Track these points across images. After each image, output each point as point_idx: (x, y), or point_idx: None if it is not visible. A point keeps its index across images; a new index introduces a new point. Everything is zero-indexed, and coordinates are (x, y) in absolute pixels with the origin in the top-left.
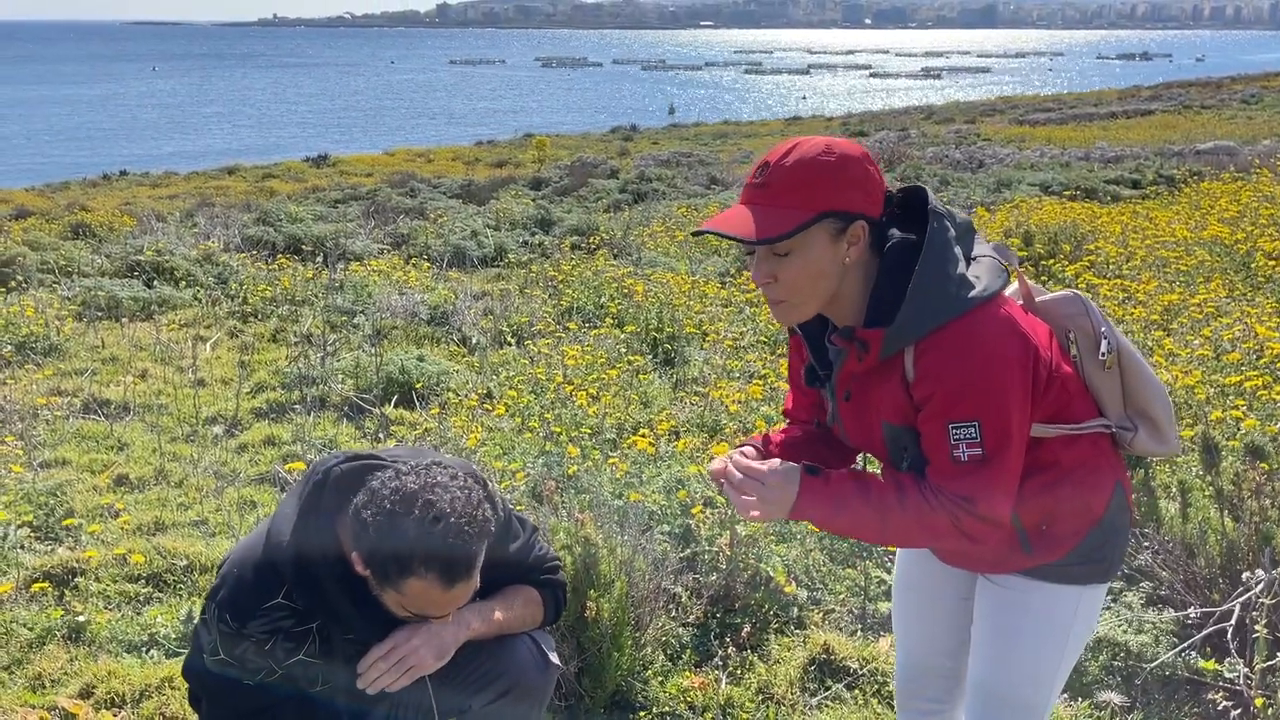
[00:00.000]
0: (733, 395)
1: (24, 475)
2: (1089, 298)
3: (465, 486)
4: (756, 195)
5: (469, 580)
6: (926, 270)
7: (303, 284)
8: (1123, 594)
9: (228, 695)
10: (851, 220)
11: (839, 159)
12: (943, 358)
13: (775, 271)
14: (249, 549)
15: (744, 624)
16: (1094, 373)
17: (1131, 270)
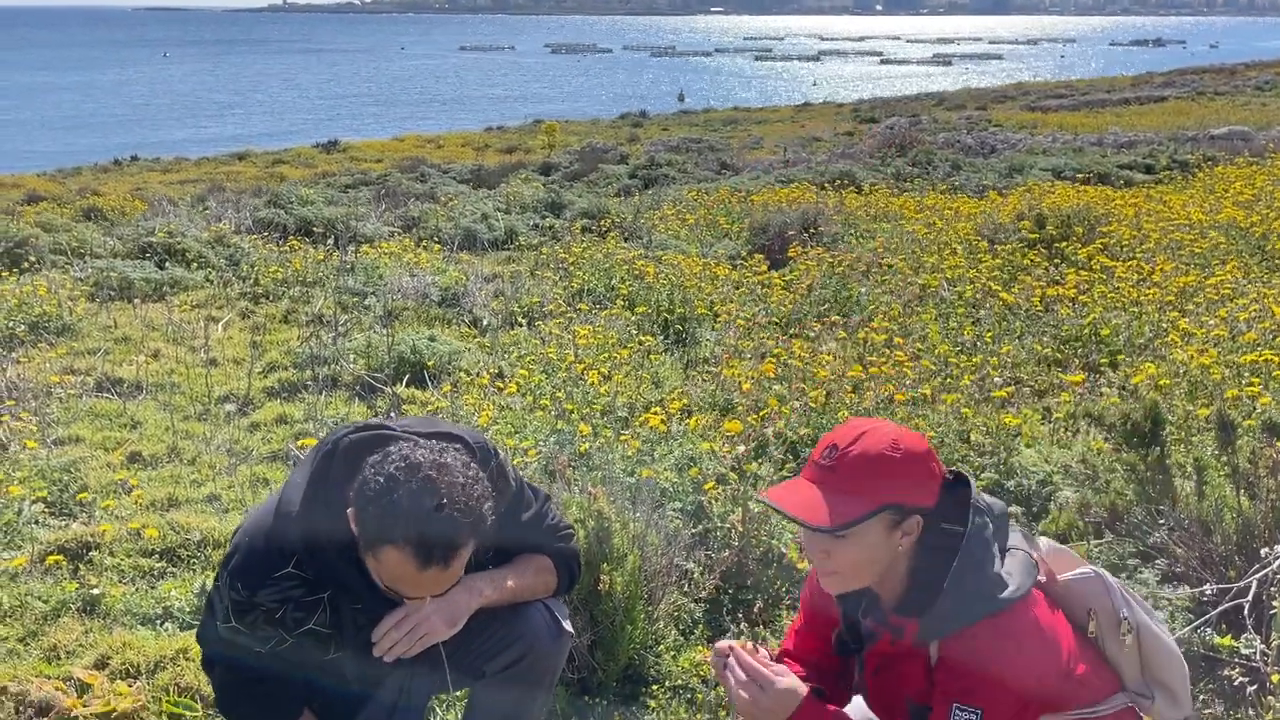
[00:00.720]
0: (745, 374)
1: (38, 452)
2: (1110, 577)
3: (474, 479)
4: (823, 476)
5: (445, 568)
6: (964, 567)
7: (314, 266)
8: (1138, 571)
9: (239, 663)
10: (909, 514)
11: (904, 456)
12: (968, 653)
13: (830, 550)
14: (260, 518)
15: (756, 600)
16: (1113, 648)
17: (1146, 253)
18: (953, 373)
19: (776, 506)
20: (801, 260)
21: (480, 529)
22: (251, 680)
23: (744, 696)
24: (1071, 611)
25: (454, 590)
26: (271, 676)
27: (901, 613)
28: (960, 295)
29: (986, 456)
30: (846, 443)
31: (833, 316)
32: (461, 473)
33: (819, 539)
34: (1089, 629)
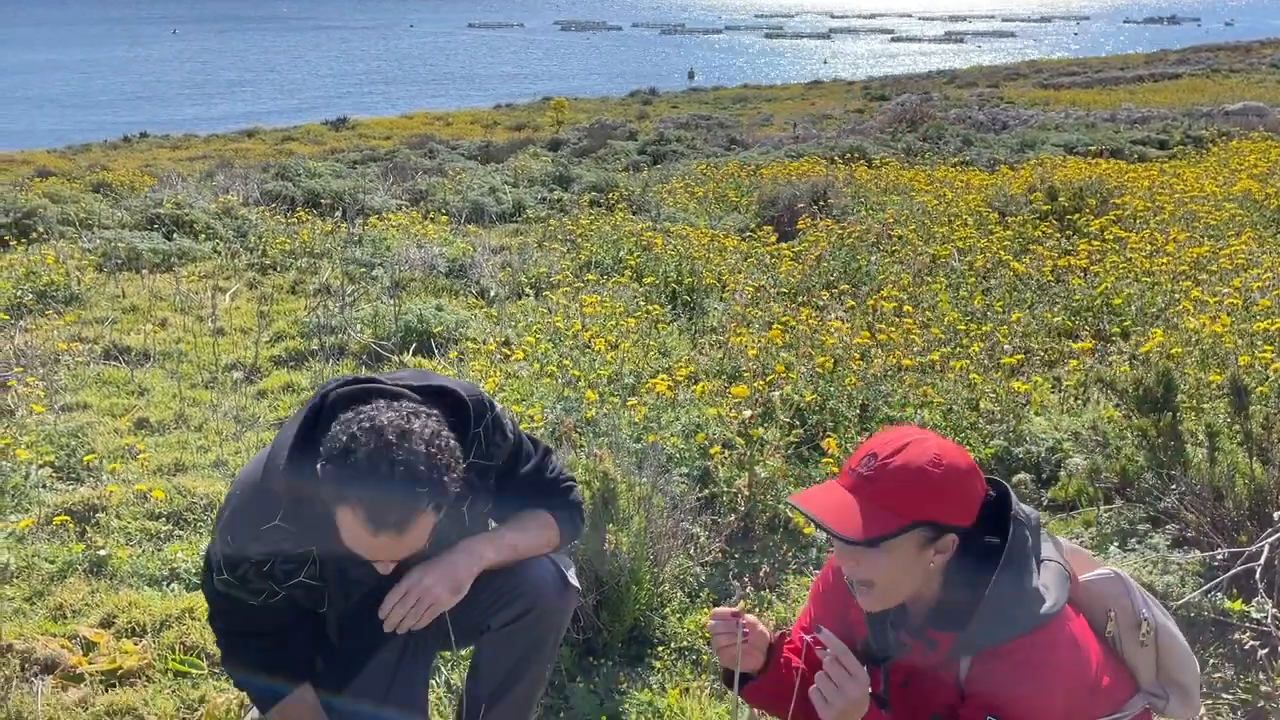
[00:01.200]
0: (752, 342)
1: (45, 417)
2: (1130, 578)
3: (441, 449)
4: (860, 485)
5: (399, 535)
6: (1004, 582)
7: (321, 237)
8: (1148, 536)
9: (235, 615)
10: (944, 532)
11: (944, 473)
12: (1004, 667)
13: (860, 560)
14: (252, 472)
15: (762, 564)
16: (1131, 648)
17: (1160, 224)
18: (962, 341)
19: (807, 512)
20: (811, 232)
21: (441, 501)
22: (252, 635)
23: (831, 685)
24: (1090, 612)
25: (455, 556)
26: (272, 631)
27: (937, 626)
28: (970, 265)
29: (996, 424)
30: (887, 453)
31: (842, 286)
32: (427, 441)
33: (851, 550)
34: (1106, 629)
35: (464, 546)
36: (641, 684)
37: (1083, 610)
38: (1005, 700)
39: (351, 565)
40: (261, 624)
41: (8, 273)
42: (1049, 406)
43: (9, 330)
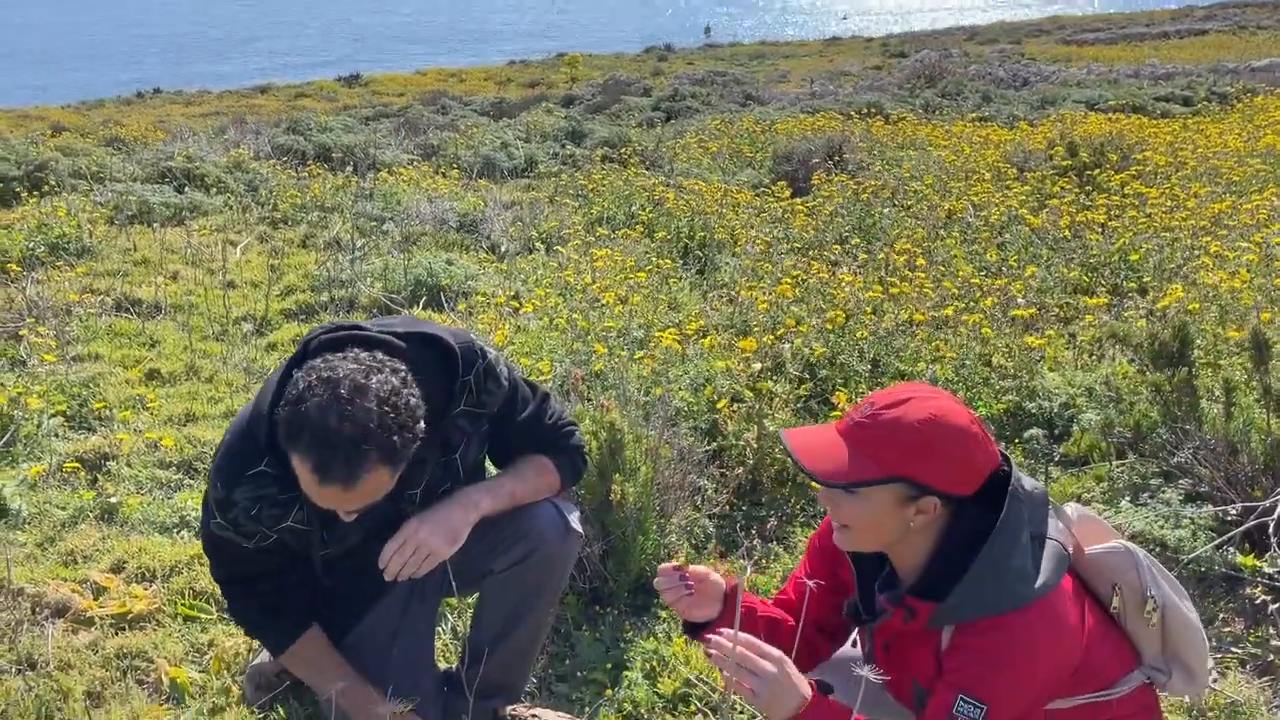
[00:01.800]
0: (762, 296)
1: (57, 367)
2: (1140, 552)
3: (396, 406)
4: (851, 431)
5: (346, 489)
6: (992, 556)
7: (332, 191)
8: (1160, 490)
9: (232, 561)
10: (925, 493)
11: (936, 435)
12: (982, 644)
13: (838, 504)
14: (241, 417)
15: (770, 517)
16: (1136, 624)
17: (1181, 180)
18: (975, 296)
19: (788, 445)
20: (825, 187)
21: (393, 458)
22: (251, 581)
23: (744, 686)
24: (1096, 584)
25: (451, 507)
26: (269, 575)
27: (917, 594)
28: (986, 220)
29: (1008, 380)
30: (885, 404)
31: (855, 240)
32: (382, 398)
33: (828, 490)
34: (1112, 604)
35: (460, 496)
36: (647, 633)
37: (1088, 582)
38: (978, 679)
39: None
40: (257, 569)
41: (20, 225)
42: (1062, 362)
43: (21, 282)
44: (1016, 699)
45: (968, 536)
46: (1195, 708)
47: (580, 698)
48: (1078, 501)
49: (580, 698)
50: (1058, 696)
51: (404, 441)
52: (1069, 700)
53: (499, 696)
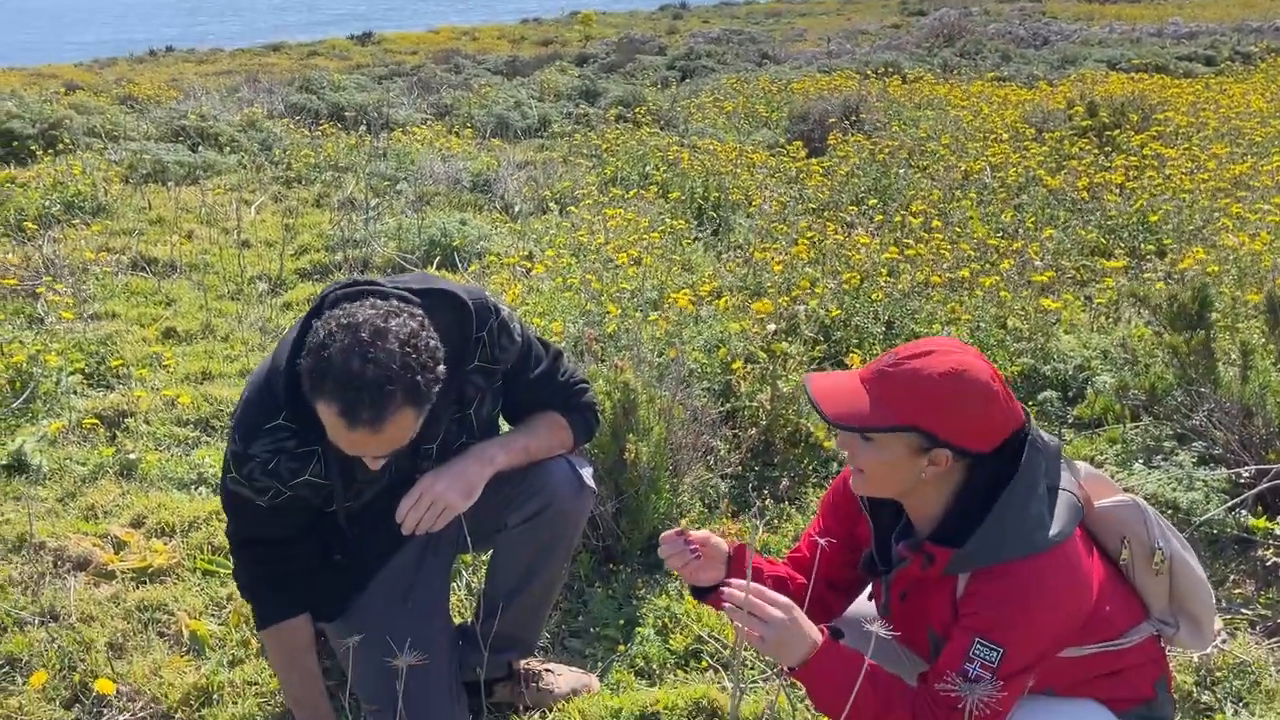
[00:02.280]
0: (777, 257)
1: (74, 325)
2: (1149, 507)
3: (417, 347)
4: (872, 378)
5: (374, 431)
6: (1010, 503)
7: (346, 151)
8: (1174, 453)
9: (245, 517)
10: (938, 445)
11: (954, 389)
12: (998, 589)
13: (854, 448)
14: (259, 372)
15: (782, 477)
16: (1144, 577)
17: (1202, 141)
18: (991, 258)
19: (809, 389)
20: (841, 147)
21: (417, 399)
22: (259, 543)
23: (754, 635)
24: (1105, 538)
25: (467, 461)
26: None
27: (937, 540)
28: (1003, 181)
29: (1024, 342)
30: (908, 354)
31: (871, 201)
32: (403, 340)
33: (846, 435)
34: (1121, 556)
35: (475, 451)
36: (659, 590)
37: (1098, 536)
38: (995, 623)
39: (358, 465)
40: (270, 532)
41: (36, 183)
42: (1078, 325)
43: (38, 240)
44: (1032, 643)
45: (985, 487)
46: (1204, 667)
47: (593, 653)
48: (1090, 464)
49: (593, 653)
50: (1069, 644)
51: (427, 382)
52: (1079, 649)
53: (513, 650)
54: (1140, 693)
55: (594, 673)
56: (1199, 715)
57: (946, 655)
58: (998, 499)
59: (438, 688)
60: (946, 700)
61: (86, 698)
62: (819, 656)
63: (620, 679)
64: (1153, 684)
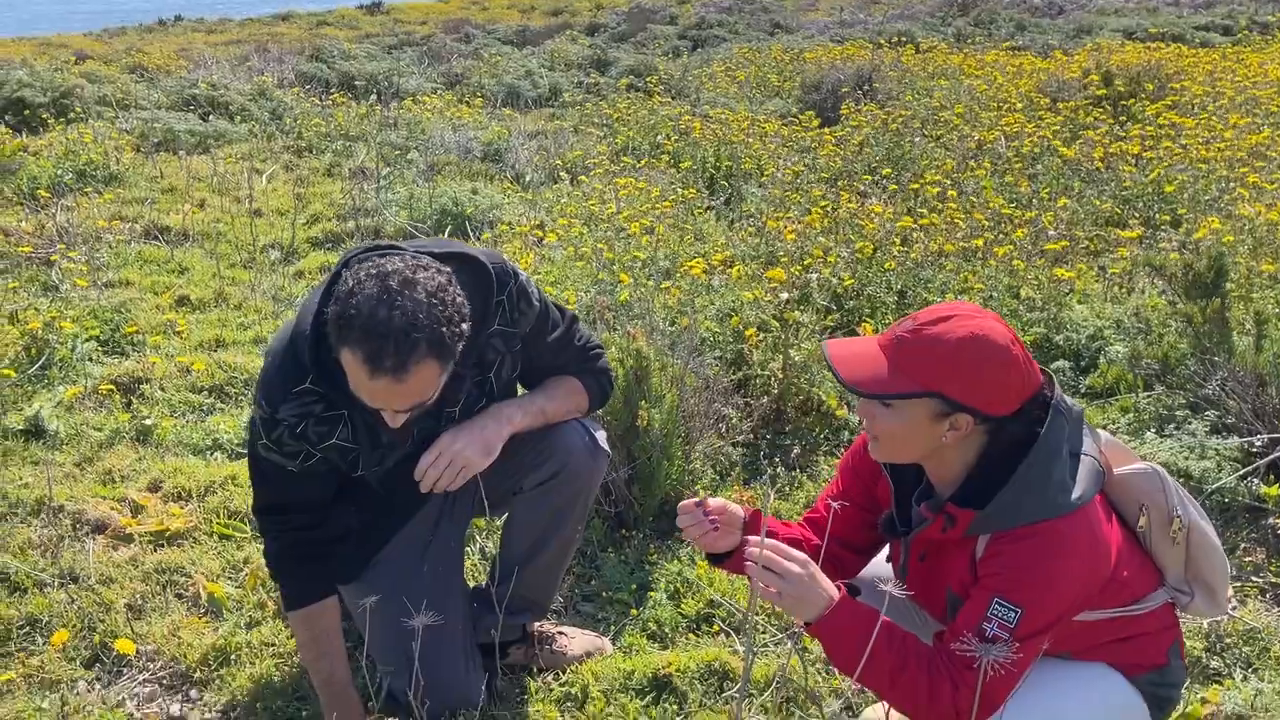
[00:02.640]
0: (790, 226)
1: (89, 293)
2: (1168, 475)
3: (444, 300)
4: (891, 345)
5: (397, 381)
6: (1034, 466)
7: (356, 120)
8: (1187, 422)
9: (273, 482)
10: (958, 410)
11: (974, 354)
12: (1019, 550)
13: (873, 414)
14: (281, 337)
15: (794, 445)
16: (1161, 545)
17: (1219, 110)
18: (1005, 228)
19: (828, 356)
20: (854, 117)
21: (442, 352)
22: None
23: (772, 586)
24: (1123, 505)
25: (485, 420)
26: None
27: (959, 502)
28: (1017, 151)
29: (1037, 312)
30: (927, 320)
31: (884, 171)
32: (430, 292)
33: (865, 401)
34: (1139, 524)
35: (493, 411)
36: (671, 555)
37: (1116, 503)
38: (1015, 584)
39: (383, 429)
40: (300, 496)
41: (48, 151)
42: (1092, 295)
43: (51, 208)
44: (1050, 606)
45: (1008, 449)
46: (1214, 633)
47: (606, 617)
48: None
49: (606, 617)
50: (1086, 608)
51: (451, 335)
52: (1095, 613)
53: (527, 613)
54: (1153, 659)
55: (607, 636)
56: (1208, 680)
57: (964, 615)
58: (1021, 462)
59: (452, 649)
60: (962, 659)
61: (107, 657)
62: (835, 612)
63: (633, 642)
64: (1166, 651)
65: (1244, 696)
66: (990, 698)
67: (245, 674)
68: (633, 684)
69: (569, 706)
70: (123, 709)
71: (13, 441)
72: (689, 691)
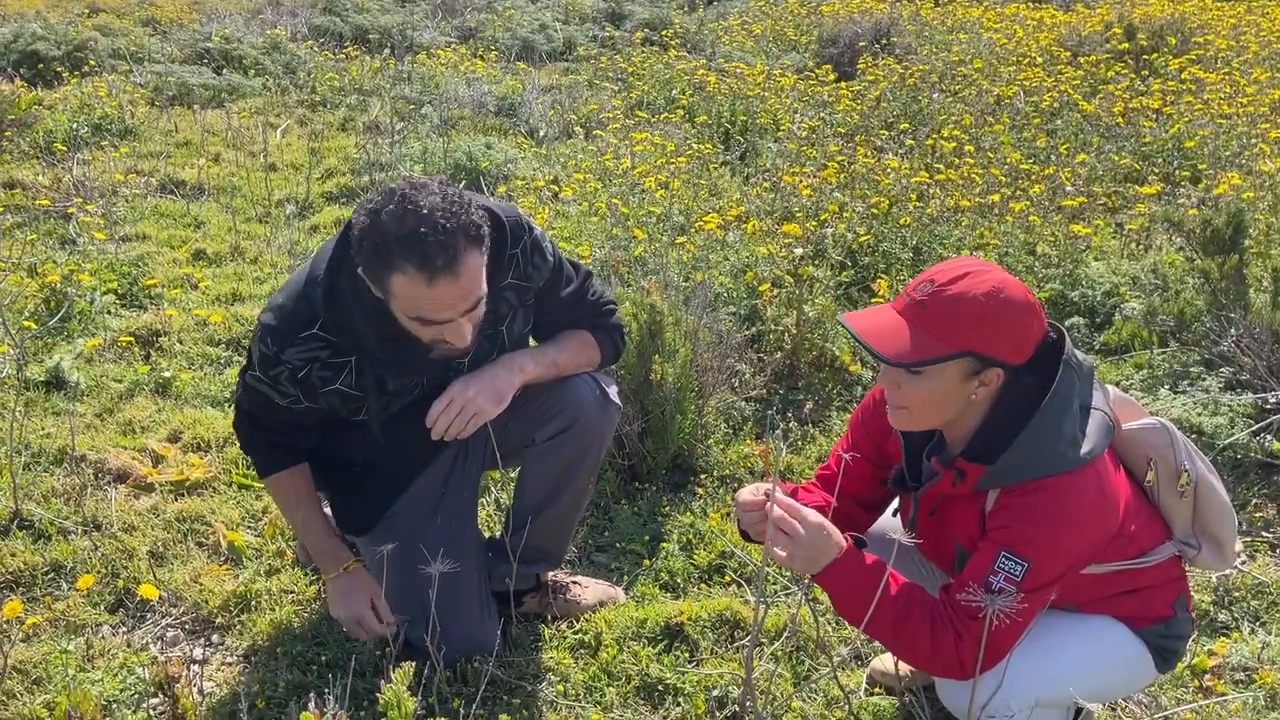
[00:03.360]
0: (806, 181)
1: (106, 246)
2: (1176, 430)
3: (456, 197)
4: (912, 310)
5: (455, 277)
6: (1044, 421)
7: (370, 74)
8: (1200, 378)
9: (254, 404)
10: (990, 365)
11: (999, 306)
12: (1028, 504)
13: (900, 384)
14: (295, 282)
15: (806, 401)
16: (1169, 499)
17: (1242, 65)
18: (1022, 184)
19: (853, 331)
20: (871, 71)
21: (477, 237)
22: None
23: (781, 543)
24: (1131, 460)
25: (496, 368)
26: (288, 431)
27: (970, 457)
28: (1036, 106)
29: (1052, 268)
30: (945, 280)
31: (902, 125)
32: (441, 191)
33: (893, 371)
34: (1146, 478)
35: (505, 360)
36: (684, 508)
37: (1124, 458)
38: (1023, 537)
39: (390, 377)
40: (280, 421)
41: (63, 105)
42: (1108, 251)
43: (67, 162)
44: (1057, 559)
45: (1019, 403)
46: (1222, 587)
47: (619, 567)
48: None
49: (619, 567)
50: (1093, 562)
51: (477, 223)
52: (1102, 566)
53: (541, 563)
54: (1159, 611)
55: (620, 586)
56: (1216, 633)
57: (971, 567)
58: (1032, 416)
59: (468, 596)
60: (967, 610)
61: (130, 602)
62: (842, 562)
63: (645, 592)
64: (1172, 603)
65: (1251, 649)
66: (995, 648)
67: (265, 620)
68: (645, 632)
69: (582, 654)
70: (146, 652)
71: (35, 393)
72: (700, 640)
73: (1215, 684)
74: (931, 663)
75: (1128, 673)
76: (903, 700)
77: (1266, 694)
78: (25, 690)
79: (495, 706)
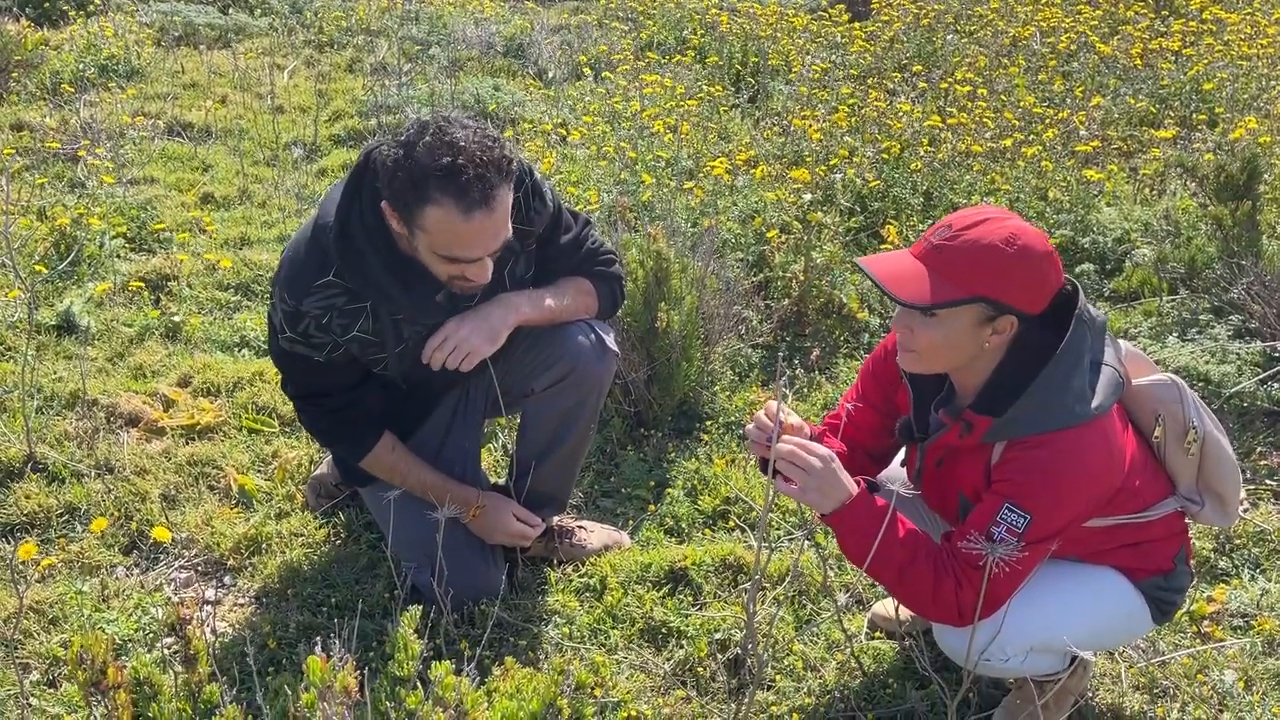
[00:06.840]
0: (816, 125)
1: (114, 190)
2: (1186, 386)
3: (486, 133)
4: (929, 254)
5: (489, 210)
6: (1054, 375)
7: (378, 14)
8: (1209, 326)
9: (304, 374)
10: (1004, 313)
11: (1017, 253)
12: (1033, 458)
13: (914, 327)
14: (303, 232)
15: (814, 348)
16: (1175, 455)
17: (1265, 5)
18: (1036, 128)
19: (869, 272)
20: (885, 11)
21: (508, 175)
22: (323, 396)
23: (792, 478)
24: (1139, 415)
25: (491, 307)
26: (341, 390)
27: (978, 409)
28: (1053, 48)
29: (1064, 214)
30: (962, 225)
31: (915, 68)
32: (474, 127)
33: (906, 314)
34: (1154, 434)
35: (500, 299)
36: (689, 454)
37: (1133, 412)
38: (1027, 491)
39: (405, 322)
40: (330, 382)
41: (69, 45)
42: (1121, 197)
43: (75, 103)
44: (1060, 512)
45: (1029, 356)
46: (1224, 534)
47: (624, 512)
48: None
49: (624, 512)
50: (1096, 515)
51: (511, 159)
52: (1105, 519)
53: (547, 508)
54: (1159, 564)
55: (625, 531)
56: (1215, 580)
57: (975, 516)
58: (1041, 370)
59: (473, 540)
60: (968, 558)
61: (144, 544)
62: (851, 504)
63: (650, 536)
64: (1173, 557)
65: (1250, 596)
66: (993, 596)
67: (276, 562)
68: (649, 576)
69: (588, 596)
70: (160, 593)
71: (46, 336)
72: (704, 584)
73: (1213, 630)
74: (931, 607)
75: (1124, 623)
76: (902, 644)
77: (1264, 640)
78: (42, 629)
79: (501, 649)
